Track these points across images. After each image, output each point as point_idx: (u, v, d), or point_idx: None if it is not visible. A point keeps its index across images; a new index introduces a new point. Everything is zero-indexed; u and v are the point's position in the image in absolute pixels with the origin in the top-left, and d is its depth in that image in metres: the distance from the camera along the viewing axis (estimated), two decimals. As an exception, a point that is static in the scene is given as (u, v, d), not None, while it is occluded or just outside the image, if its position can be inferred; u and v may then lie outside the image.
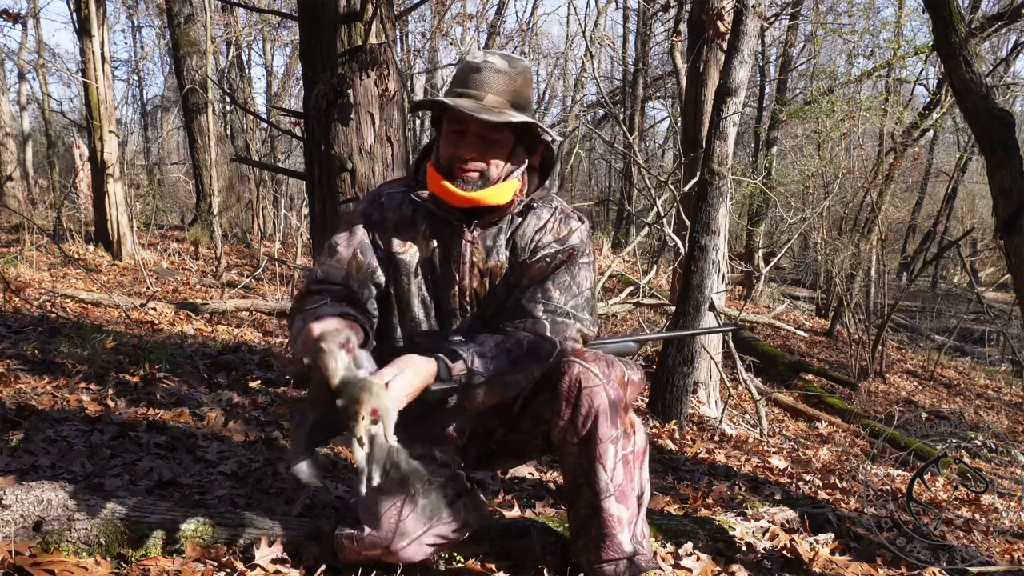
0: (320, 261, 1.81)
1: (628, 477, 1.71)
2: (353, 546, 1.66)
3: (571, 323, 1.72)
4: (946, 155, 19.28)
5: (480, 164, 1.70)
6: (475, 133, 1.69)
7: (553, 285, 1.73)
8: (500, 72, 1.69)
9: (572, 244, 1.77)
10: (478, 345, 1.62)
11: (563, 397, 1.66)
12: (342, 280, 1.76)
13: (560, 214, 1.80)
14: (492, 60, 1.70)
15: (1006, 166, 2.76)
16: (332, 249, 1.80)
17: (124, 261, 8.46)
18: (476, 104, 1.65)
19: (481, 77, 1.68)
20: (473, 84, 1.68)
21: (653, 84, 17.79)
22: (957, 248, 8.56)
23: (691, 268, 4.30)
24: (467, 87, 1.68)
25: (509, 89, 1.69)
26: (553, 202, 1.82)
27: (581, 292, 1.76)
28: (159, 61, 21.15)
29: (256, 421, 3.04)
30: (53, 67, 16.32)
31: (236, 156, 11.64)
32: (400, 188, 1.83)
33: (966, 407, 8.50)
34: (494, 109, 1.66)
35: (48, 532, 1.66)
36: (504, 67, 1.69)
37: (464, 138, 1.69)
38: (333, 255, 1.79)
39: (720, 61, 5.82)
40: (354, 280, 1.77)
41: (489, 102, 1.66)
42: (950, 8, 2.83)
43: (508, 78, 1.69)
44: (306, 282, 1.81)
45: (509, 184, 1.75)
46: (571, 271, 1.76)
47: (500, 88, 1.68)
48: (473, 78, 1.68)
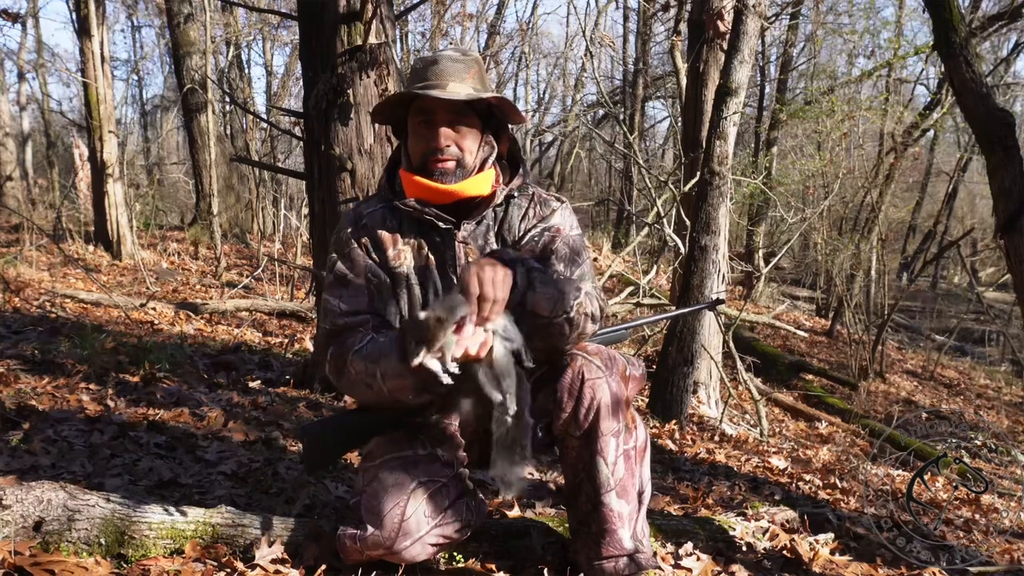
0: (335, 295, 1.75)
1: (629, 472, 1.71)
2: (356, 546, 1.66)
3: (582, 284, 1.71)
4: (946, 155, 19.27)
5: (455, 151, 1.71)
6: (444, 121, 1.71)
7: (555, 259, 1.75)
8: (456, 61, 1.73)
9: (555, 223, 1.80)
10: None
11: (566, 389, 1.67)
12: (368, 307, 1.73)
13: (538, 199, 1.83)
14: (446, 52, 1.74)
15: (1006, 166, 2.76)
16: (343, 280, 1.75)
17: (124, 261, 8.46)
18: (441, 91, 1.68)
19: (439, 67, 1.71)
20: (432, 75, 1.71)
21: (653, 84, 17.77)
22: (957, 248, 8.55)
23: (691, 268, 4.30)
24: (427, 79, 1.71)
25: (468, 76, 1.72)
26: (529, 189, 1.84)
27: (583, 265, 1.78)
28: (159, 61, 21.22)
29: (256, 421, 3.04)
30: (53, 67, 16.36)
31: (236, 156, 11.62)
32: (377, 205, 1.81)
33: (966, 407, 8.50)
34: (460, 93, 1.69)
35: (48, 532, 1.66)
36: (459, 56, 1.74)
37: (433, 128, 1.71)
38: (347, 285, 1.74)
39: (720, 61, 5.82)
40: (379, 304, 1.74)
41: (453, 89, 1.69)
42: (950, 8, 2.83)
43: (464, 65, 1.73)
44: (331, 320, 1.74)
45: (487, 174, 1.76)
46: (567, 243, 1.78)
47: (460, 76, 1.71)
48: (432, 70, 1.71)
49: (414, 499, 1.65)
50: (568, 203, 1.86)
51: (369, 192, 3.33)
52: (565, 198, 1.88)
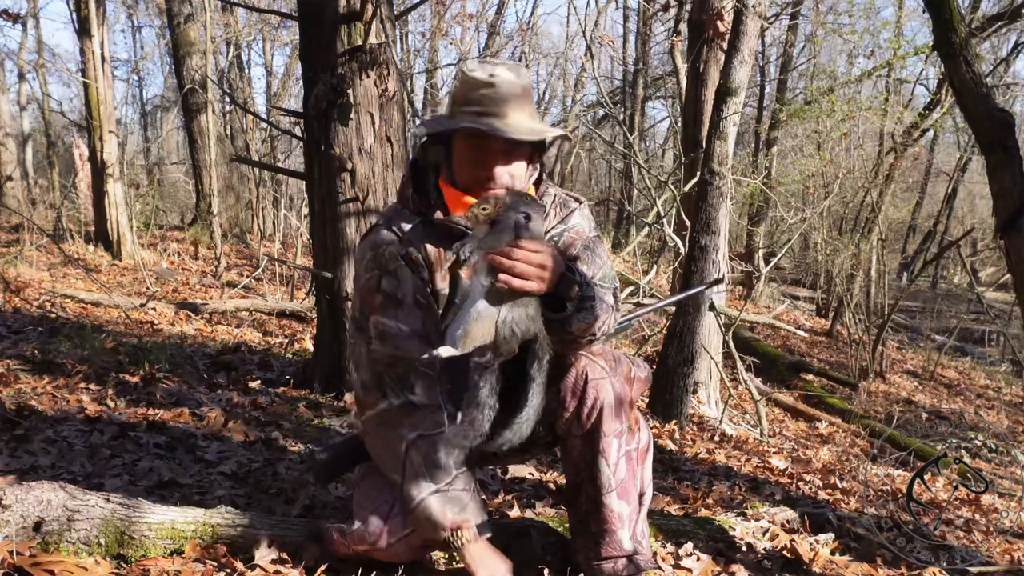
0: (390, 315, 1.65)
1: (631, 474, 1.71)
2: (342, 539, 1.68)
3: (607, 287, 1.73)
4: (946, 155, 19.27)
5: (507, 181, 1.66)
6: (499, 150, 1.64)
7: (580, 262, 1.75)
8: (512, 85, 1.63)
9: (575, 223, 1.81)
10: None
11: (569, 389, 1.67)
12: (423, 328, 1.65)
13: (559, 199, 1.83)
14: (500, 73, 1.63)
15: (1006, 166, 2.76)
16: (393, 299, 1.65)
17: (124, 261, 8.46)
18: (503, 123, 1.61)
19: (496, 93, 1.62)
20: (489, 102, 1.62)
21: (653, 84, 17.79)
22: (957, 248, 8.55)
23: (691, 268, 4.30)
24: (484, 105, 1.62)
25: (527, 102, 1.66)
26: (551, 190, 1.83)
27: (604, 263, 1.78)
28: (159, 61, 21.20)
29: (256, 421, 3.04)
30: (53, 67, 16.34)
31: (236, 156, 11.63)
32: (412, 218, 1.71)
33: (966, 407, 8.49)
34: (523, 127, 1.62)
35: (48, 532, 1.66)
36: (513, 79, 1.64)
37: (488, 155, 1.64)
38: (400, 305, 1.65)
39: (720, 61, 5.82)
40: (430, 327, 1.65)
41: (515, 122, 1.62)
42: (950, 8, 2.83)
43: (523, 90, 1.65)
44: (394, 343, 1.64)
45: (528, 189, 1.76)
46: (587, 247, 1.78)
47: (520, 104, 1.64)
48: (488, 95, 1.62)
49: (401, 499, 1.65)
50: (586, 202, 1.87)
51: (369, 192, 3.33)
52: (583, 198, 1.88)
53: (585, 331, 1.62)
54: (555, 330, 1.59)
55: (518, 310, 1.51)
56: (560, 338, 1.61)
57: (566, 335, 1.61)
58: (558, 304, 1.57)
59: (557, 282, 1.53)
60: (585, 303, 1.58)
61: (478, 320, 1.49)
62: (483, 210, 1.52)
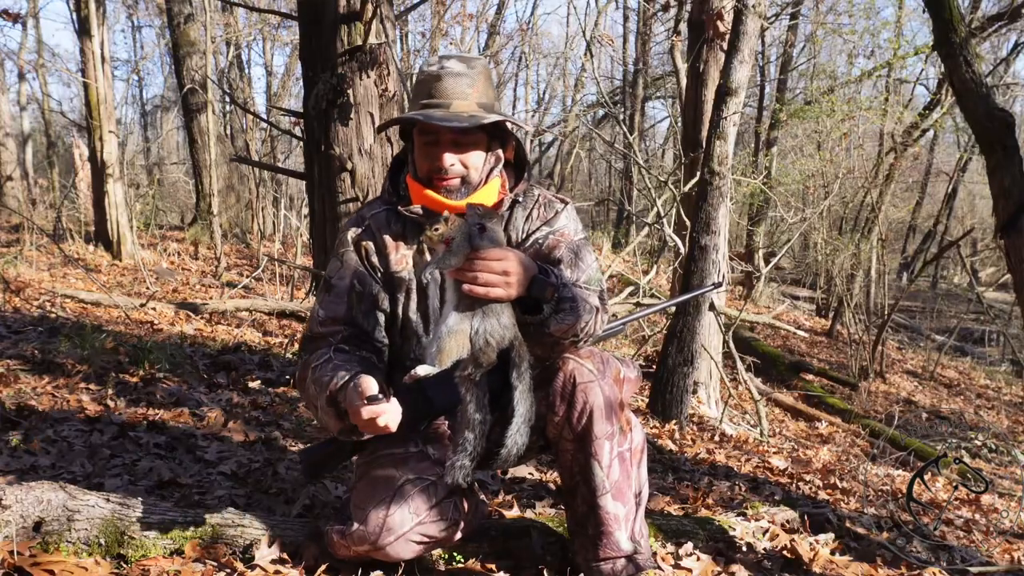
0: (320, 299, 1.80)
1: (625, 474, 1.71)
2: (342, 540, 1.68)
3: (593, 289, 1.73)
4: (946, 155, 19.27)
5: (460, 170, 1.72)
6: (448, 140, 1.71)
7: (564, 266, 1.75)
8: (460, 76, 1.70)
9: (559, 225, 1.80)
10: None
11: (558, 393, 1.67)
12: (344, 315, 1.76)
13: (543, 200, 1.83)
14: (450, 65, 1.71)
15: (1006, 166, 2.76)
16: (328, 285, 1.80)
17: (124, 261, 8.46)
18: (445, 112, 1.67)
19: (443, 85, 1.70)
20: (437, 93, 1.70)
21: (653, 84, 17.78)
22: (957, 248, 8.56)
23: (691, 268, 4.30)
24: (431, 97, 1.70)
25: (473, 91, 1.71)
26: (535, 190, 1.85)
27: (588, 266, 1.78)
28: (159, 61, 21.19)
29: (256, 421, 3.04)
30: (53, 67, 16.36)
31: (236, 156, 11.62)
32: (381, 207, 1.83)
33: (966, 407, 8.50)
34: (463, 114, 1.67)
35: (48, 532, 1.66)
36: (463, 70, 1.71)
37: (438, 148, 1.71)
38: (330, 291, 1.79)
39: (720, 61, 5.82)
40: (357, 312, 1.77)
41: (457, 108, 1.68)
42: (950, 8, 2.83)
43: (469, 80, 1.71)
44: (309, 324, 1.80)
45: (492, 185, 1.77)
46: (572, 250, 1.78)
47: (464, 92, 1.70)
48: (436, 87, 1.70)
49: (400, 496, 1.65)
50: (572, 204, 1.87)
51: (369, 192, 3.33)
52: (569, 199, 1.88)
53: (566, 332, 1.63)
54: (535, 333, 1.61)
55: (490, 320, 1.54)
56: (541, 340, 1.63)
57: (546, 337, 1.62)
58: (535, 307, 1.58)
59: (529, 285, 1.55)
60: (563, 304, 1.59)
61: (451, 335, 1.54)
62: (436, 231, 1.54)
